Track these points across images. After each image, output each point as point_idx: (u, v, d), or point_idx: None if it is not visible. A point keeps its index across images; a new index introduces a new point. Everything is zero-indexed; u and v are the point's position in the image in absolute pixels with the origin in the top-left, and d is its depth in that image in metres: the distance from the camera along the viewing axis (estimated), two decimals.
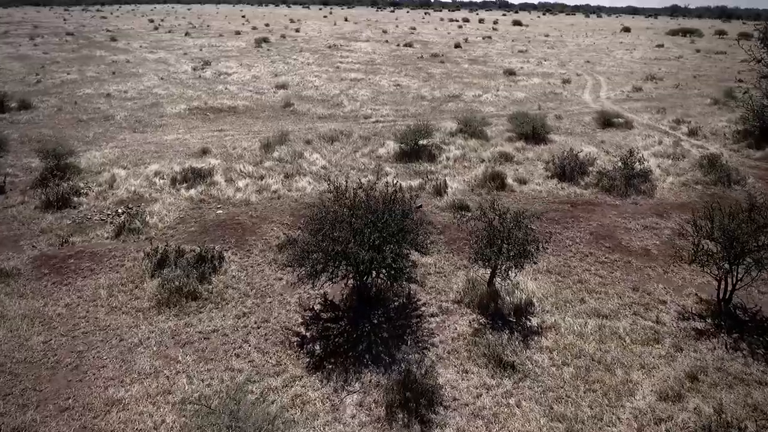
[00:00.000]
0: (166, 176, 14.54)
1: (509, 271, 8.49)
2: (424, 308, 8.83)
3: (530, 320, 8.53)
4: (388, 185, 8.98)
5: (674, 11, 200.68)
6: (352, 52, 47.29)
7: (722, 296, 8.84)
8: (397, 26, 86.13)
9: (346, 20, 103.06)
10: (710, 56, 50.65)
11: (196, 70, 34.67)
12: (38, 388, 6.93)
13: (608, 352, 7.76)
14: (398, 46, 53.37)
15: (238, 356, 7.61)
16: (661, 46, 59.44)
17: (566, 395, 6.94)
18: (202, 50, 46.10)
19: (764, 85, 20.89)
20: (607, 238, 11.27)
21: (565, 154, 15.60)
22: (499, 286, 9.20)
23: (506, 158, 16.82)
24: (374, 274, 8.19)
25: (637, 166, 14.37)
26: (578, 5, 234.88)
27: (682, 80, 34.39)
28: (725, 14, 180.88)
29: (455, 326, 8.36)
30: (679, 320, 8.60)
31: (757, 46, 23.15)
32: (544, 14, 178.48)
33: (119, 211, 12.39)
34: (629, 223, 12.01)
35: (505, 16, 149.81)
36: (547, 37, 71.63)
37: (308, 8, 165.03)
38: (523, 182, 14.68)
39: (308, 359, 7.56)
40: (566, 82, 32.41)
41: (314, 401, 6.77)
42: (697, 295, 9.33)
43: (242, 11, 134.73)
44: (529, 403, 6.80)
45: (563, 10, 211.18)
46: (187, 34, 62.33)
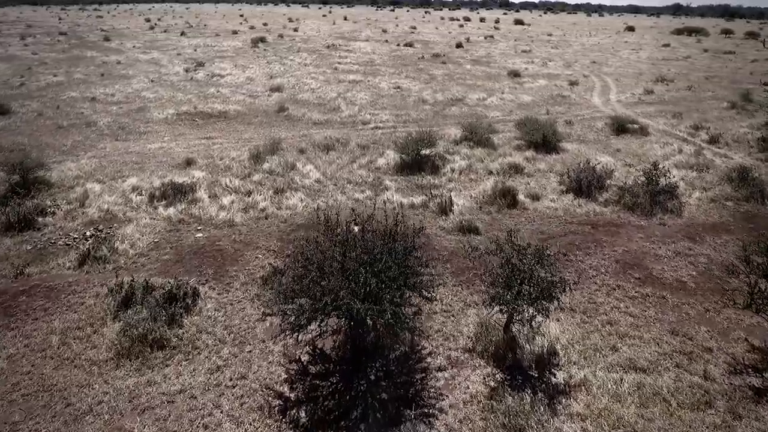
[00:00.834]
0: (144, 192, 13.23)
1: (532, 320, 7.17)
2: (429, 359, 7.53)
3: (555, 375, 7.22)
4: (387, 214, 7.68)
5: (677, 10, 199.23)
6: (350, 52, 45.94)
7: None
8: (397, 25, 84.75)
9: (345, 19, 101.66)
10: (719, 56, 49.27)
11: (188, 71, 33.33)
12: None
13: (652, 420, 6.46)
14: (398, 45, 52.02)
15: (206, 428, 6.30)
16: (667, 45, 58.07)
17: None
18: (196, 50, 44.76)
19: None
20: (635, 267, 9.96)
21: (580, 165, 14.29)
22: (516, 330, 7.89)
23: (516, 170, 15.50)
24: (371, 323, 6.88)
25: (661, 180, 13.05)
26: (579, 4, 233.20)
27: (693, 82, 33.04)
28: (728, 13, 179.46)
29: (467, 384, 7.05)
30: (730, 375, 7.29)
31: None
32: (545, 13, 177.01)
33: (87, 234, 11.08)
34: (659, 248, 10.69)
35: (506, 15, 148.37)
36: (550, 36, 70.24)
37: (307, 7, 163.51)
38: (535, 198, 13.36)
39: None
40: (574, 84, 31.06)
41: None
42: (747, 341, 8.02)
43: (241, 10, 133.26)
44: None
45: (564, 9, 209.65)
46: (182, 33, 60.97)
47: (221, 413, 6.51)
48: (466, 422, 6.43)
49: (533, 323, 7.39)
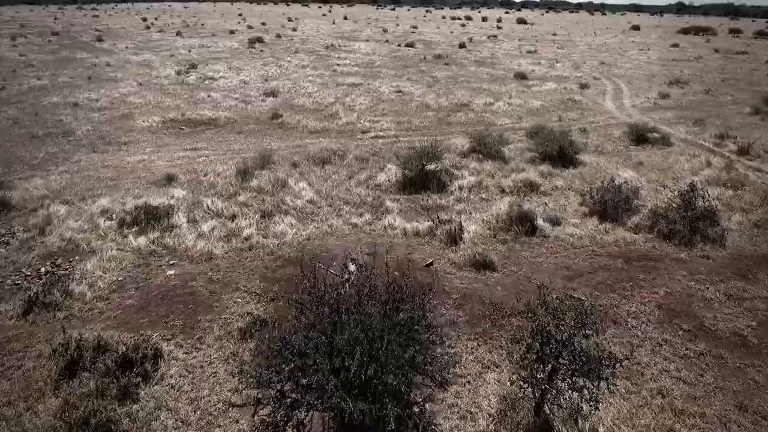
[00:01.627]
0: (114, 215, 11.71)
1: (577, 415, 5.66)
2: None
3: None
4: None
5: (680, 8, 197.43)
6: (350, 53, 44.40)
7: None
8: (397, 25, 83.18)
9: (345, 19, 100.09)
10: (731, 57, 47.68)
11: (179, 74, 31.80)
12: None
13: None
14: (399, 46, 50.48)
15: None
16: (676, 45, 56.46)
17: None
18: (191, 51, 43.25)
19: None
20: (682, 315, 8.44)
21: (604, 184, 12.76)
22: (549, 410, 6.38)
23: (531, 187, 13.98)
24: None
25: (699, 203, 11.52)
26: (581, 3, 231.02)
27: (710, 84, 31.48)
28: (732, 11, 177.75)
29: None
30: None
31: None
32: (547, 12, 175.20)
33: (42, 270, 9.57)
34: (706, 289, 9.17)
35: (508, 13, 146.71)
36: (554, 36, 68.65)
37: (307, 6, 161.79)
38: (556, 223, 11.83)
39: None
40: (584, 87, 29.50)
41: None
42: None
43: (240, 9, 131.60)
44: None
45: (566, 7, 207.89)
46: (178, 33, 59.44)
47: None
48: None
49: (578, 416, 5.86)
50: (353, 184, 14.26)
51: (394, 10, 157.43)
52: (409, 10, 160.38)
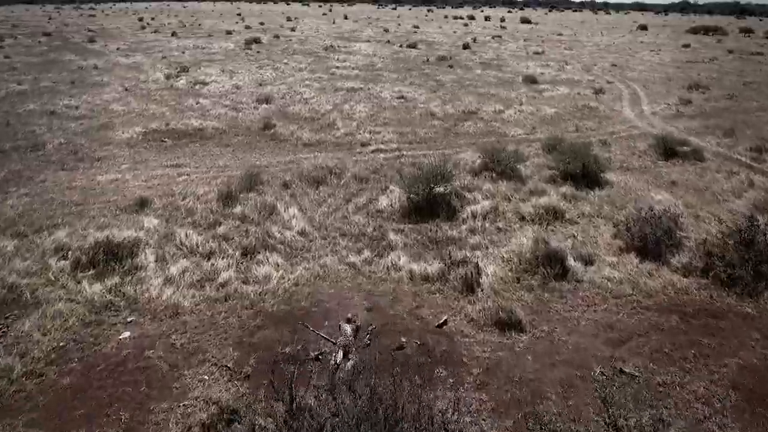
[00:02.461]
0: (70, 254, 9.97)
1: None
2: None
3: None
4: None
5: (684, 7, 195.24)
6: (350, 54, 42.62)
7: None
8: (399, 24, 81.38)
9: (345, 18, 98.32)
10: (747, 58, 45.81)
11: (169, 78, 30.06)
12: None
13: None
14: (401, 47, 48.71)
15: None
16: (687, 46, 54.57)
17: None
18: (184, 53, 41.51)
19: None
20: (766, 399, 6.67)
21: (642, 213, 10.99)
22: None
23: (555, 215, 12.19)
24: None
25: (758, 239, 9.73)
26: (584, 2, 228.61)
27: (732, 89, 29.65)
28: (738, 10, 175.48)
29: None
30: None
31: None
32: (550, 11, 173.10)
33: None
34: None
35: (510, 12, 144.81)
36: (560, 36, 66.80)
37: (307, 6, 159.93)
38: (588, 262, 10.05)
39: None
40: (599, 92, 27.67)
41: None
42: None
43: (239, 9, 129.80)
44: None
45: (569, 6, 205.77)
46: (173, 34, 57.74)
47: None
48: None
49: None
50: (351, 209, 12.49)
51: (395, 9, 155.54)
52: (410, 9, 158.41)
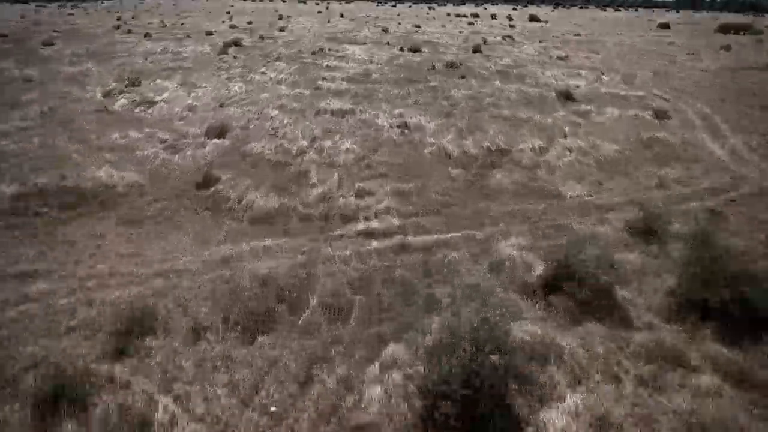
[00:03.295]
0: None
1: None
2: None
3: None
4: None
5: (695, 4, 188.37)
6: (342, 59, 36.11)
7: None
8: (399, 23, 74.70)
9: (341, 16, 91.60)
10: None
11: (108, 95, 23.64)
12: None
13: None
14: (402, 50, 42.10)
15: None
16: (728, 48, 48.03)
17: None
18: (147, 59, 35.06)
19: None
20: None
21: None
22: None
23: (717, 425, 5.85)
24: None
25: None
26: None
27: None
28: (750, 6, 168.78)
29: None
30: None
31: None
32: (555, 8, 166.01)
33: None
34: None
35: (516, 10, 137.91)
36: (578, 36, 60.20)
37: (304, 3, 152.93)
38: None
39: None
40: (661, 116, 21.25)
41: None
42: None
43: (233, 5, 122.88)
44: None
45: (575, 3, 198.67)
46: (146, 35, 51.11)
47: None
48: None
49: None
50: (306, 419, 6.12)
51: (395, 6, 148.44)
52: (410, 6, 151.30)
